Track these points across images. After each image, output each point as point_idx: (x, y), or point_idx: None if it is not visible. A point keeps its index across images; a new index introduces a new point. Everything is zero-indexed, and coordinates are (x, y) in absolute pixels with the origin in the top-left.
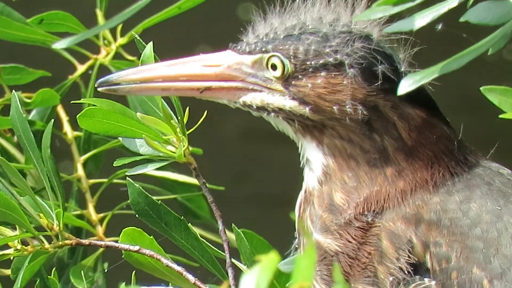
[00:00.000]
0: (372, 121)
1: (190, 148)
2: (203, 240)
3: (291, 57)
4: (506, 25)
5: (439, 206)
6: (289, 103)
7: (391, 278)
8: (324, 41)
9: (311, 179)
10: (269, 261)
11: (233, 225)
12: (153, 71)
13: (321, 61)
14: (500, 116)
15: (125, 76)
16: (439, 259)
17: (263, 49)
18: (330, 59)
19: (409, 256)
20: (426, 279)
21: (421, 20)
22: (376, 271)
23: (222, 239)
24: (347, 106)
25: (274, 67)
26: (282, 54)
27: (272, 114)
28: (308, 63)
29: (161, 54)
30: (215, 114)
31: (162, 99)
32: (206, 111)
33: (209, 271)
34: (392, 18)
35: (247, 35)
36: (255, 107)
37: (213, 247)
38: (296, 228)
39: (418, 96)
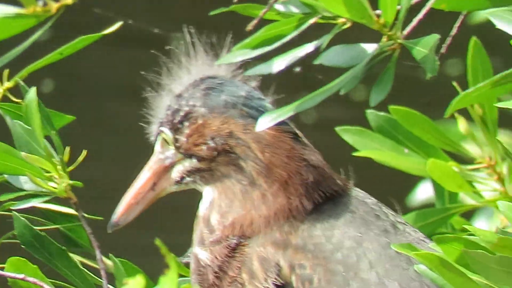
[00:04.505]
0: (234, 148)
1: (71, 182)
2: (83, 268)
3: (166, 123)
4: (356, 67)
5: (306, 232)
6: (187, 164)
7: None
8: (180, 97)
9: (201, 208)
10: (135, 284)
11: (110, 254)
12: (127, 197)
13: (181, 114)
14: (354, 153)
15: (118, 214)
16: (303, 280)
17: (159, 129)
18: (186, 108)
19: (276, 278)
20: None
21: (280, 63)
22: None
23: (100, 267)
24: (209, 142)
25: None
26: (164, 127)
27: (188, 179)
28: (175, 122)
29: None
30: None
31: (44, 140)
32: (85, 151)
33: None
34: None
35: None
36: (179, 179)
37: (92, 275)
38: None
39: None
